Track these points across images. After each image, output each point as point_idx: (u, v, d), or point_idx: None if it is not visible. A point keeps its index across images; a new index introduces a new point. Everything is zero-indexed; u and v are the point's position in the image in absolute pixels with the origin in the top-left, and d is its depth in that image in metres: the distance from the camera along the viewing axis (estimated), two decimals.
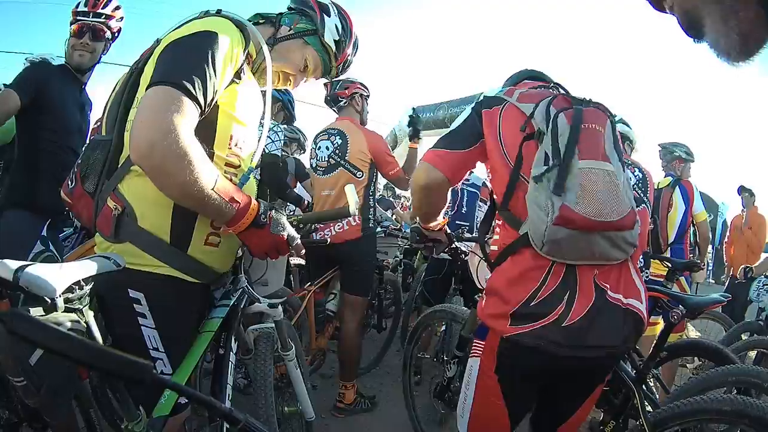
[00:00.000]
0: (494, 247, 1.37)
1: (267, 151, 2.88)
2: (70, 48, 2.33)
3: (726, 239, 5.73)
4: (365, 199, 2.80)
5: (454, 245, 2.57)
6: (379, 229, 3.28)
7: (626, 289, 1.23)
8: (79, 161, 1.25)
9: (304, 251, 1.32)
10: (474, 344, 1.35)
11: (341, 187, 2.70)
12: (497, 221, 1.38)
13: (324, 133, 2.89)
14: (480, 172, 2.57)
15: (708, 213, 3.70)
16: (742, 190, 5.36)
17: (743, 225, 5.33)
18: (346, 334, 2.82)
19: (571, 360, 1.20)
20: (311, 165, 2.91)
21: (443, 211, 1.66)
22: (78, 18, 2.30)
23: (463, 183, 3.55)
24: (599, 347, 1.20)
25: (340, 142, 2.81)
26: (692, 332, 5.16)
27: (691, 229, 3.52)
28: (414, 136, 2.96)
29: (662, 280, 3.09)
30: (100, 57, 2.43)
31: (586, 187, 1.16)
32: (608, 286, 1.21)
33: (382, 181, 4.44)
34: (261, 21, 1.42)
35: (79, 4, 2.33)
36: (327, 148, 2.83)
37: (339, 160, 2.79)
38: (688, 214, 3.43)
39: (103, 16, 2.32)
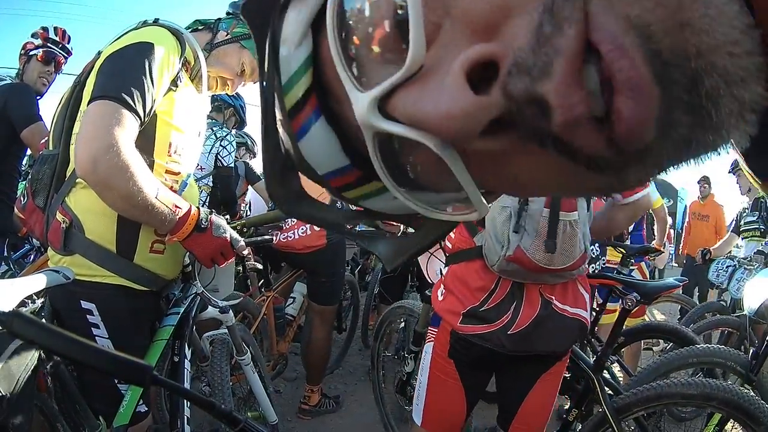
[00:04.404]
0: (449, 244, 1.46)
1: (224, 163, 2.86)
2: (32, 72, 2.32)
3: (686, 224, 5.84)
4: None
5: None
6: None
7: (573, 300, 1.34)
8: (30, 176, 1.25)
9: (247, 251, 1.35)
10: (429, 330, 1.45)
11: None
12: None
13: None
14: None
15: (667, 198, 3.71)
16: (702, 180, 5.50)
17: (700, 215, 5.44)
18: (315, 342, 2.72)
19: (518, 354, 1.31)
20: None
21: None
22: (48, 45, 2.32)
23: None
24: (543, 349, 1.31)
25: None
26: (658, 315, 5.37)
27: (648, 216, 3.52)
28: None
29: (617, 266, 3.16)
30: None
31: (543, 235, 1.22)
32: (553, 298, 1.31)
33: None
34: (200, 27, 1.44)
35: (48, 29, 2.34)
36: None
37: None
38: None
39: (66, 51, 2.39)
